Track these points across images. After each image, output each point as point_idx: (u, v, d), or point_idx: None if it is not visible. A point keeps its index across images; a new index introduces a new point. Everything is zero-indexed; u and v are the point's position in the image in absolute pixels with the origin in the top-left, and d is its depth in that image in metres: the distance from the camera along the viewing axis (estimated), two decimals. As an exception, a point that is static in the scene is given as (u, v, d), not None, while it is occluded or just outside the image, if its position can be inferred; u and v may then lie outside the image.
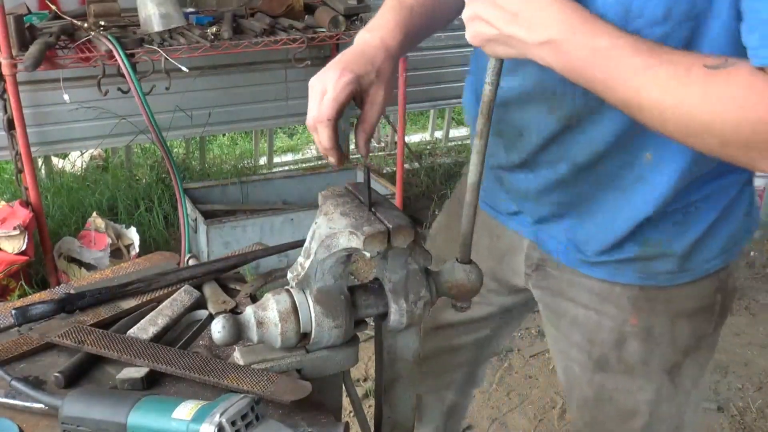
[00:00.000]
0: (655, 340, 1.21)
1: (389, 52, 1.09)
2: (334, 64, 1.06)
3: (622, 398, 1.27)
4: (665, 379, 1.23)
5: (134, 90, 2.61)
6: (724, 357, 2.91)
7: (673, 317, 1.19)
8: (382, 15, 1.15)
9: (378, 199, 1.04)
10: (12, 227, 2.79)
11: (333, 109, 1.02)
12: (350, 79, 1.04)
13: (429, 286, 1.05)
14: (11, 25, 2.58)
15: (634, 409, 1.27)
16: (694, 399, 1.31)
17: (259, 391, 0.96)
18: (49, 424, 0.96)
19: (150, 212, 3.49)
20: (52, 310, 1.17)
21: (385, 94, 1.08)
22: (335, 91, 1.02)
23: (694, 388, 1.27)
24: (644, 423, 1.27)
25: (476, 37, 0.96)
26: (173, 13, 2.80)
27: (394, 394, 1.14)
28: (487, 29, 0.93)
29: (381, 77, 1.07)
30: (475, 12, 0.94)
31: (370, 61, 1.07)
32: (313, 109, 1.05)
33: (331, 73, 1.04)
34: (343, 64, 1.06)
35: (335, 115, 1.03)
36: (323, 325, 1.00)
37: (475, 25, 0.95)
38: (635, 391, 1.25)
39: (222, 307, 1.21)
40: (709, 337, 1.24)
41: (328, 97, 1.03)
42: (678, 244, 1.14)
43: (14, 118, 2.76)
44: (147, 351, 1.07)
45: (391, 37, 1.11)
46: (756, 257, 3.67)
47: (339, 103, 1.03)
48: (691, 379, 1.25)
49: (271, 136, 4.29)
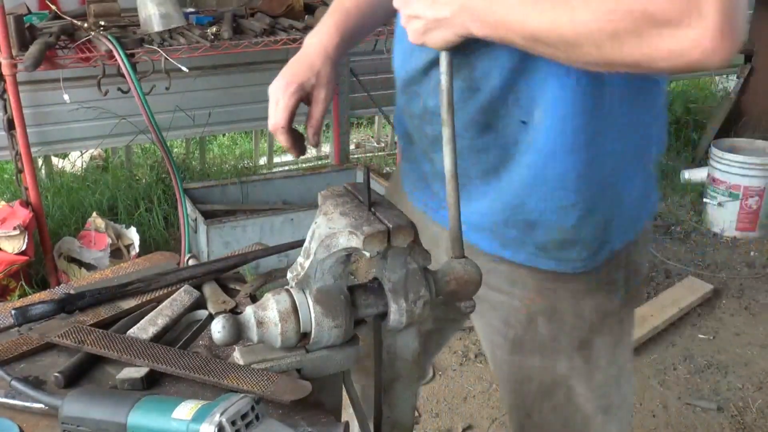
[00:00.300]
0: (561, 318, 1.26)
1: (327, 54, 1.27)
2: (282, 74, 1.27)
3: (541, 376, 1.32)
4: (577, 356, 1.29)
5: (134, 90, 2.61)
6: (724, 357, 2.92)
7: (576, 295, 1.25)
8: (323, 20, 1.32)
9: (377, 199, 1.04)
10: (12, 227, 2.79)
11: (284, 118, 1.25)
12: (295, 88, 1.24)
13: (428, 285, 1.05)
14: (11, 25, 2.59)
15: (553, 385, 1.32)
16: (624, 383, 1.35)
17: (259, 391, 0.96)
18: (49, 424, 0.96)
19: (150, 212, 3.49)
20: (52, 310, 1.17)
21: (326, 93, 1.27)
22: (284, 101, 1.24)
23: (611, 367, 1.31)
24: (565, 397, 1.32)
25: (415, 34, 1.06)
26: (173, 13, 2.80)
27: (393, 394, 1.14)
28: (419, 23, 1.05)
29: (321, 79, 1.26)
30: (406, 13, 1.06)
31: (310, 67, 1.26)
32: (270, 117, 1.27)
33: (280, 83, 1.26)
34: (288, 74, 1.26)
35: (287, 122, 1.25)
36: (323, 325, 1.00)
37: (411, 24, 1.06)
38: (550, 368, 1.30)
39: (222, 307, 1.21)
40: (615, 315, 1.28)
41: (279, 106, 1.25)
42: (578, 231, 1.18)
43: (14, 118, 2.76)
44: (147, 351, 1.07)
45: (329, 40, 1.29)
46: (756, 257, 3.67)
47: (289, 111, 1.25)
48: (605, 357, 1.30)
49: (271, 136, 4.29)
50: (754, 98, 4.43)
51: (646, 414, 2.61)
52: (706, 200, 3.90)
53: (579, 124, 1.08)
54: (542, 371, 1.32)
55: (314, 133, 1.29)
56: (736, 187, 3.75)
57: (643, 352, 2.94)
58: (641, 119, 1.16)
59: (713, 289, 3.30)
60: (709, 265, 3.58)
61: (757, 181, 3.71)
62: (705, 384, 2.77)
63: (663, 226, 3.92)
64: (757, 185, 3.72)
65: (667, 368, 2.85)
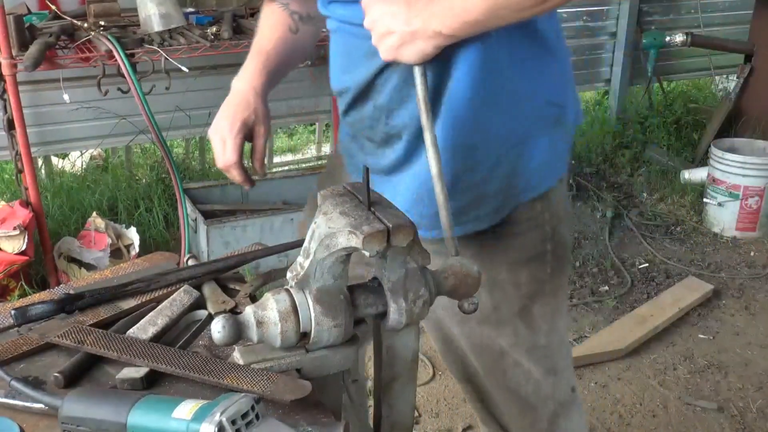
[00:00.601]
0: (501, 288, 1.37)
1: (257, 93, 1.43)
2: (225, 116, 1.41)
3: (489, 344, 1.41)
4: (519, 323, 1.40)
5: (134, 90, 2.61)
6: (724, 357, 2.92)
7: (511, 265, 1.36)
8: (246, 65, 1.47)
9: (377, 199, 1.04)
10: (12, 227, 2.79)
11: (235, 155, 1.39)
12: (239, 127, 1.39)
13: (428, 284, 1.05)
14: (11, 25, 2.59)
15: (501, 353, 1.42)
16: (564, 349, 1.50)
17: (259, 391, 0.96)
18: (49, 424, 0.97)
19: (150, 212, 3.49)
20: (51, 311, 1.17)
21: (264, 127, 1.43)
22: (232, 140, 1.39)
23: (553, 333, 1.44)
24: (514, 363, 1.42)
25: (389, 51, 1.16)
26: (173, 13, 2.80)
27: (393, 394, 1.14)
28: (393, 39, 1.14)
29: (258, 116, 1.42)
30: (380, 31, 1.15)
31: (248, 106, 1.41)
32: (219, 157, 1.41)
33: (225, 123, 1.40)
34: (229, 115, 1.41)
35: (238, 159, 1.40)
36: (323, 325, 1.00)
37: (384, 41, 1.16)
38: (496, 336, 1.40)
39: (221, 307, 1.21)
40: (548, 283, 1.40)
41: (228, 147, 1.39)
42: (486, 185, 1.29)
43: (14, 118, 2.76)
44: (147, 351, 1.07)
45: (256, 80, 1.44)
46: (756, 257, 3.67)
47: (238, 149, 1.40)
48: (546, 323, 1.42)
49: (271, 136, 4.29)
50: (754, 98, 4.43)
51: (646, 414, 2.61)
52: (706, 200, 3.90)
53: (486, 86, 1.22)
54: (490, 340, 1.40)
55: (261, 165, 1.45)
56: (736, 187, 3.75)
57: (643, 352, 2.94)
58: (542, 87, 1.29)
59: (713, 289, 3.30)
60: (709, 265, 3.58)
61: (757, 181, 3.72)
62: (705, 384, 2.77)
63: (663, 226, 3.93)
64: (757, 185, 3.72)
65: (667, 368, 2.85)
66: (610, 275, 3.45)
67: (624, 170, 4.45)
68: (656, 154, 4.49)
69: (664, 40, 4.40)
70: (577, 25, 4.60)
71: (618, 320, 3.09)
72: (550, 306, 1.42)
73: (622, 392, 2.71)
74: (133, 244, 3.15)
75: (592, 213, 3.99)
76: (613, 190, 4.21)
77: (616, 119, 4.76)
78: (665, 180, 4.29)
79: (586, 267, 3.49)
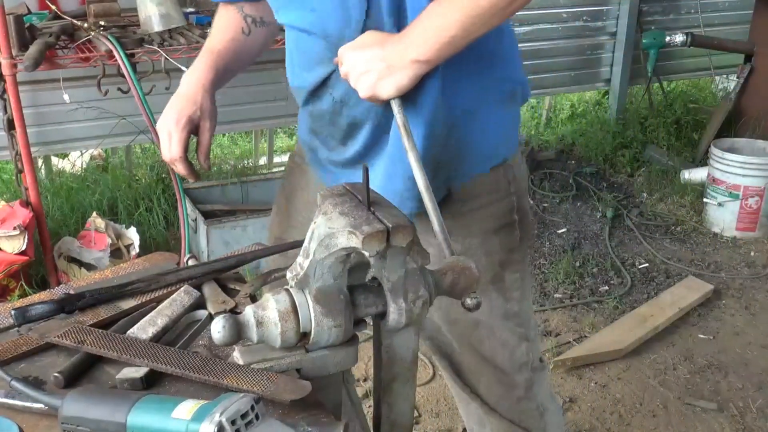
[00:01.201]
0: (475, 257, 1.39)
1: (205, 89, 1.47)
2: (169, 110, 1.45)
3: (464, 316, 1.44)
4: (493, 291, 1.46)
5: (134, 90, 2.61)
6: (724, 357, 2.92)
7: (483, 235, 1.44)
8: (197, 61, 1.51)
9: (377, 199, 1.04)
10: (12, 227, 2.79)
11: (180, 149, 1.44)
12: (184, 123, 1.43)
13: (427, 284, 1.05)
14: (11, 25, 2.58)
15: (475, 322, 1.48)
16: (533, 322, 1.58)
17: (259, 391, 0.96)
18: (49, 424, 0.97)
19: (150, 212, 3.49)
20: (51, 311, 1.17)
21: (210, 123, 1.47)
22: (177, 134, 1.43)
23: (524, 301, 1.52)
24: (488, 331, 1.48)
25: (367, 89, 1.22)
26: (173, 13, 2.80)
27: (392, 394, 1.14)
28: (371, 77, 1.21)
29: (204, 112, 1.46)
30: (358, 71, 1.21)
31: (194, 102, 1.45)
32: (165, 150, 1.46)
33: (170, 118, 1.44)
34: (176, 110, 1.44)
35: (183, 152, 1.45)
36: (323, 325, 1.00)
37: (362, 80, 1.22)
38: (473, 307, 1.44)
39: (222, 307, 1.21)
40: (517, 251, 1.49)
41: (174, 140, 1.43)
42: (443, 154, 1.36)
43: (14, 118, 2.76)
44: (146, 351, 1.07)
45: (204, 77, 1.48)
46: (756, 257, 3.67)
47: (183, 143, 1.44)
48: (517, 290, 1.50)
49: (271, 136, 4.29)
50: (754, 98, 4.43)
51: (646, 414, 2.61)
52: (706, 200, 3.90)
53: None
54: (464, 311, 1.41)
55: (205, 158, 1.49)
56: (736, 187, 3.75)
57: (643, 352, 2.94)
58: (495, 63, 1.37)
59: (713, 289, 3.31)
60: (709, 265, 3.59)
61: (757, 181, 3.72)
62: (705, 384, 2.77)
63: (663, 226, 3.93)
64: (757, 185, 3.72)
65: (667, 368, 2.85)
66: (610, 275, 3.45)
67: (624, 170, 4.45)
68: (656, 154, 4.49)
69: (664, 40, 4.40)
70: (577, 25, 4.60)
71: (618, 320, 3.09)
72: (519, 273, 1.50)
73: (622, 392, 2.71)
74: (133, 244, 3.15)
75: (592, 213, 3.99)
76: (613, 190, 4.21)
77: (616, 119, 4.76)
78: (665, 180, 4.29)
79: (586, 267, 3.49)
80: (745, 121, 4.43)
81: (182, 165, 1.47)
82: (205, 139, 1.47)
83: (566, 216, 3.95)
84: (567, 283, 3.36)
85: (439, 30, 1.17)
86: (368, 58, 1.21)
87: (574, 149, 4.70)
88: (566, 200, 4.08)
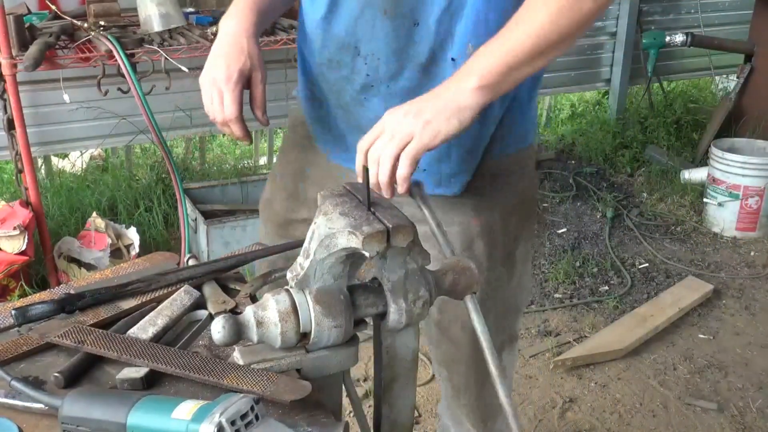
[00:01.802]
0: (495, 234, 1.44)
1: (249, 34, 1.32)
2: (215, 65, 1.30)
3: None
4: (501, 267, 1.48)
5: (134, 90, 2.61)
6: (724, 357, 2.92)
7: (504, 210, 1.45)
8: (233, 6, 1.37)
9: (377, 199, 1.04)
10: (12, 227, 2.79)
11: (236, 108, 1.29)
12: (236, 78, 1.28)
13: (428, 285, 1.05)
14: (11, 25, 2.58)
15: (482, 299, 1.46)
16: (525, 295, 1.63)
17: (259, 391, 0.96)
18: (49, 424, 0.97)
19: (150, 212, 3.49)
20: (52, 310, 1.17)
21: (261, 72, 1.32)
22: (230, 93, 1.28)
23: (524, 275, 1.56)
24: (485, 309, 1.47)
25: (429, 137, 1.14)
26: (173, 13, 2.80)
27: (392, 394, 1.14)
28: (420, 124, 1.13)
29: (254, 60, 1.31)
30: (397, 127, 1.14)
31: (242, 51, 1.30)
32: (217, 111, 1.30)
33: (220, 74, 1.29)
34: (224, 64, 1.29)
35: (239, 112, 1.29)
36: (323, 325, 1.00)
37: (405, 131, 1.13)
38: (483, 282, 1.42)
39: (222, 307, 1.21)
40: (526, 229, 1.53)
41: (227, 99, 1.28)
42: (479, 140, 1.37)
43: (14, 118, 2.76)
44: (147, 351, 1.07)
45: (247, 20, 1.33)
46: (756, 257, 3.67)
47: (238, 101, 1.29)
48: (521, 261, 1.53)
49: (271, 136, 4.29)
50: (754, 98, 4.42)
51: (646, 414, 2.61)
52: (706, 200, 3.90)
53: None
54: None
55: (263, 113, 1.34)
56: (736, 187, 3.75)
57: (643, 352, 2.94)
58: None
59: (713, 289, 3.30)
60: (709, 265, 3.58)
61: (757, 181, 3.72)
62: (705, 384, 2.77)
63: (663, 226, 3.93)
64: (757, 185, 3.72)
65: (667, 368, 2.85)
66: (610, 275, 3.45)
67: (624, 170, 4.45)
68: (656, 154, 4.49)
69: (664, 40, 4.40)
70: (577, 25, 4.59)
71: (618, 320, 3.09)
72: (526, 248, 1.54)
73: (622, 392, 2.71)
74: (133, 244, 3.15)
75: (592, 213, 3.99)
76: (613, 190, 4.21)
77: (616, 119, 4.76)
78: (665, 180, 4.29)
79: (586, 267, 3.49)
80: (745, 121, 4.43)
81: (238, 126, 1.31)
82: (259, 92, 1.33)
83: (566, 216, 3.95)
84: (567, 283, 3.36)
85: (507, 53, 1.13)
86: (407, 111, 1.14)
87: (574, 149, 4.70)
88: (566, 200, 4.08)
